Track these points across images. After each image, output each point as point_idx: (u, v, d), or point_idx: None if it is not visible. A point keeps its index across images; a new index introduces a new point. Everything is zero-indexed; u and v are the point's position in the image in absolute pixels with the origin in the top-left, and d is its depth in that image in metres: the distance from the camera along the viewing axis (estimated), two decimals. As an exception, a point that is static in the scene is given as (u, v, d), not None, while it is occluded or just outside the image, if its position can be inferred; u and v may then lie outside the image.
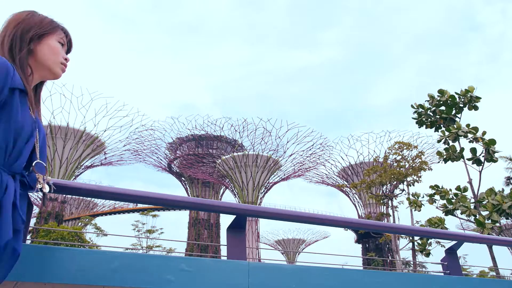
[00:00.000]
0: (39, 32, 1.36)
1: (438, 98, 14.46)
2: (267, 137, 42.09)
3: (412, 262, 29.13)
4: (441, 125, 14.60)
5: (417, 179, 24.91)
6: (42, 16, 1.41)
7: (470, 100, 13.96)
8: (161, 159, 51.34)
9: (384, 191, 28.84)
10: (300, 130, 42.17)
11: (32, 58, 1.34)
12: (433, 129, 14.92)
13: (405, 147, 26.43)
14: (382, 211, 31.64)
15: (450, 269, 2.95)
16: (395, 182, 27.27)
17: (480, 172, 13.46)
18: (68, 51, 1.48)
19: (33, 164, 1.26)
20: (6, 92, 1.15)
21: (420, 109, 14.87)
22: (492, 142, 12.82)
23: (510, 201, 11.78)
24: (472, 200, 13.43)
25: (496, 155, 12.97)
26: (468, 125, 13.44)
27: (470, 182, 14.08)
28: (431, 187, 14.71)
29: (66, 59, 1.43)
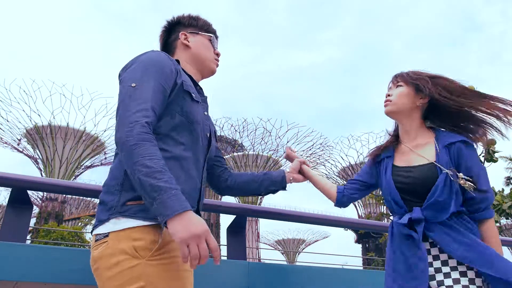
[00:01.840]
0: None
1: (438, 98, 14.48)
2: (267, 137, 42.08)
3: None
4: (441, 125, 14.61)
5: (417, 179, 24.85)
6: None
7: (470, 100, 13.97)
8: (161, 159, 50.92)
9: (384, 191, 28.74)
10: (300, 130, 42.17)
11: None
12: (433, 129, 14.93)
13: (405, 147, 26.34)
14: (382, 211, 31.59)
15: (450, 269, 2.94)
16: (395, 182, 27.18)
17: (480, 172, 13.46)
18: None
19: None
20: None
21: (420, 109, 14.88)
22: (492, 142, 12.83)
23: (510, 201, 11.78)
24: (472, 200, 13.44)
25: (496, 155, 12.95)
26: (468, 125, 13.44)
27: (470, 182, 14.09)
28: (431, 187, 14.64)
29: None
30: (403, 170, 1.53)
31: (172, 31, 1.53)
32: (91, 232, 1.18)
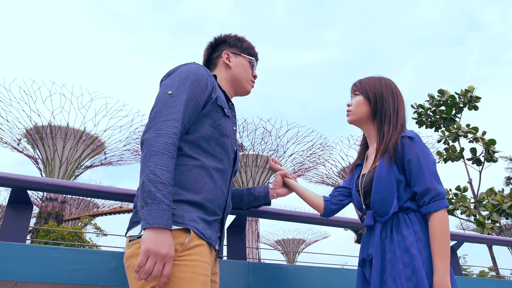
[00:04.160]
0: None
1: (438, 98, 14.44)
2: (267, 137, 42.06)
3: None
4: (441, 125, 14.58)
5: (417, 179, 24.82)
6: None
7: (470, 100, 13.95)
8: (161, 159, 50.78)
9: (384, 191, 28.71)
10: (300, 130, 42.15)
11: None
12: (433, 129, 14.89)
13: (405, 147, 26.31)
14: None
15: (450, 269, 2.94)
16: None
17: (480, 172, 13.45)
18: None
19: None
20: None
21: (420, 109, 14.85)
22: (492, 142, 12.82)
23: (510, 201, 11.78)
24: (472, 200, 13.43)
25: (496, 155, 12.96)
26: (468, 125, 13.42)
27: (470, 182, 14.07)
28: (431, 187, 14.59)
29: None
30: (363, 176, 1.55)
31: (217, 48, 1.64)
32: (125, 234, 1.24)
